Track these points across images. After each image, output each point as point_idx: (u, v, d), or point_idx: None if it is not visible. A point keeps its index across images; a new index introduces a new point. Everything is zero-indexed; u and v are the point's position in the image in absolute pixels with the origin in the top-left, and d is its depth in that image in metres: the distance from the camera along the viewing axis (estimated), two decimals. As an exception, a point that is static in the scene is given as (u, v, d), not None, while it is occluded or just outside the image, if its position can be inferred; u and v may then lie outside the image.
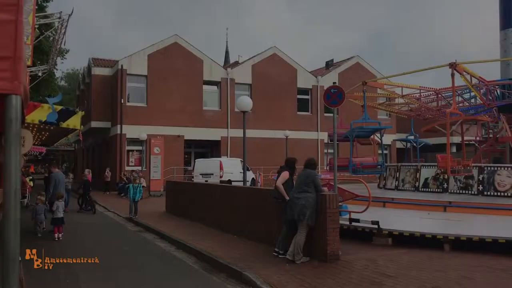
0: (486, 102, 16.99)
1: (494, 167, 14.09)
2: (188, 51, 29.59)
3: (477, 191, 13.90)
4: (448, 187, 14.75)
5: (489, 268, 6.99)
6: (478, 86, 16.52)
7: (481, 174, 13.93)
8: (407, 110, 21.55)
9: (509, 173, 13.45)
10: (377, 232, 9.17)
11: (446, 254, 8.16)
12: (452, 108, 13.83)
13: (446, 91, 18.05)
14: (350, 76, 33.54)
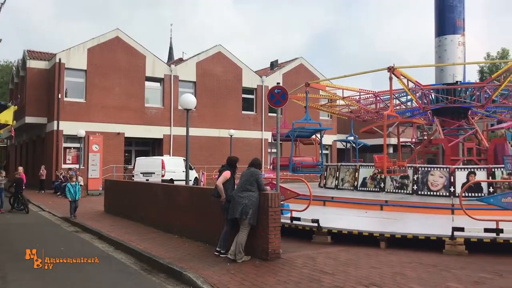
0: (421, 105, 17.77)
1: (428, 168, 14.76)
2: (130, 46, 28.84)
3: (411, 190, 14.50)
4: (385, 186, 15.29)
5: (421, 264, 7.30)
6: (414, 90, 17.25)
7: (415, 174, 14.56)
8: (347, 112, 22.16)
9: (441, 173, 14.14)
10: (317, 230, 9.35)
11: (382, 251, 8.46)
12: (389, 110, 14.33)
13: (384, 94, 18.71)
14: (294, 77, 34.07)
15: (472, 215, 8.59)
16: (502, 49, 41.88)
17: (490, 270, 6.89)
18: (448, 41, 18.10)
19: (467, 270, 6.91)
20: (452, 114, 17.97)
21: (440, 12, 18.58)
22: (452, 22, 18.22)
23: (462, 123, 17.99)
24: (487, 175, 13.74)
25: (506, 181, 12.80)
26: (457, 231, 8.25)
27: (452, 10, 18.24)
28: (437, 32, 18.65)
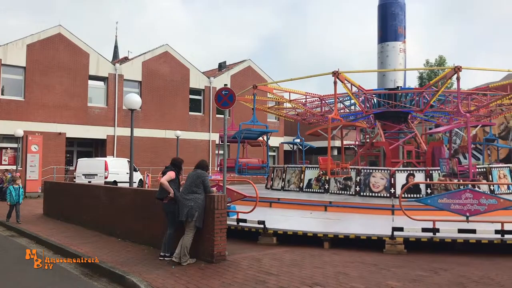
0: (364, 109, 18.35)
1: (370, 170, 15.25)
2: (73, 43, 27.83)
3: (354, 191, 14.92)
4: (329, 187, 15.64)
5: (363, 264, 7.52)
6: (357, 94, 17.77)
7: (358, 176, 14.99)
8: (294, 115, 22.51)
9: (383, 175, 14.65)
10: (263, 232, 9.41)
11: (326, 251, 8.64)
12: (334, 113, 14.68)
13: (329, 97, 19.16)
14: (242, 79, 34.18)
15: (411, 216, 8.95)
16: (440, 57, 43.92)
17: (427, 268, 7.20)
18: (390, 47, 18.81)
19: (405, 268, 7.18)
20: (393, 118, 18.68)
21: (383, 19, 19.28)
22: (394, 30, 18.95)
23: (402, 126, 18.73)
24: (425, 177, 14.38)
25: (442, 183, 13.46)
26: (397, 231, 8.57)
27: (394, 18, 18.98)
28: (380, 38, 19.33)
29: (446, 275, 6.80)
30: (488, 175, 14.93)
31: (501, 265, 7.43)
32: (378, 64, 19.36)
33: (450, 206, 8.64)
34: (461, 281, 6.44)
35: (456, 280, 6.47)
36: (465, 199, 8.55)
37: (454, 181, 12.93)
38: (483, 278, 6.61)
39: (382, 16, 19.34)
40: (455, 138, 25.24)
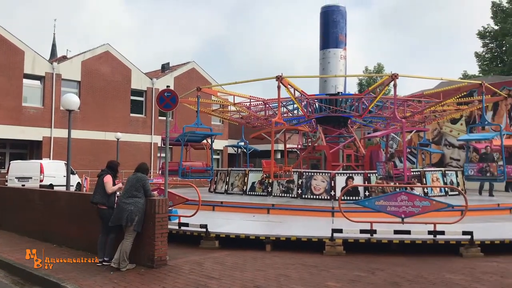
0: (306, 114, 18.72)
1: (311, 173, 15.55)
2: (7, 39, 26.44)
3: (296, 194, 15.15)
4: (272, 190, 15.78)
5: (303, 266, 7.64)
6: (300, 98, 18.10)
7: (300, 179, 15.24)
8: (238, 118, 22.56)
9: (323, 178, 14.97)
10: (205, 236, 9.34)
11: (268, 254, 8.70)
12: (277, 117, 14.87)
13: (272, 101, 19.38)
14: (186, 80, 33.86)
15: (349, 217, 9.20)
16: (378, 64, 45.71)
17: (365, 269, 7.42)
18: (332, 54, 19.31)
19: (344, 269, 7.37)
20: (334, 122, 19.18)
21: (325, 26, 19.77)
22: (335, 37, 19.48)
23: (342, 131, 19.27)
24: (363, 179, 14.84)
25: (379, 186, 13.95)
26: (336, 232, 8.77)
27: (336, 25, 19.51)
28: (322, 45, 19.80)
29: (383, 275, 7.04)
30: (422, 178, 15.64)
31: (434, 265, 7.79)
32: (320, 70, 19.82)
33: (387, 208, 8.96)
34: (396, 280, 6.69)
35: (392, 280, 6.72)
36: (401, 201, 8.89)
37: (391, 184, 13.44)
38: (416, 277, 6.91)
39: (324, 24, 19.83)
40: (392, 143, 26.25)
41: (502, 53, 31.86)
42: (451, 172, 17.47)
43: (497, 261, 8.02)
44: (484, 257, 8.34)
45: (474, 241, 8.51)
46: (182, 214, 9.97)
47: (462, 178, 17.07)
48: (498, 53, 32.50)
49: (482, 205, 13.78)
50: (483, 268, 7.52)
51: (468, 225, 9.09)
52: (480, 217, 11.93)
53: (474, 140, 17.72)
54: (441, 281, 6.65)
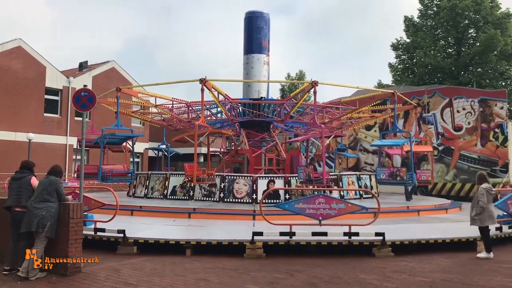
0: (229, 117, 18.80)
1: (234, 176, 15.61)
2: None
3: (218, 198, 15.14)
4: (194, 194, 15.64)
5: (223, 269, 7.63)
6: (224, 102, 18.14)
7: (222, 183, 15.25)
8: (160, 120, 22.13)
9: (246, 181, 15.10)
10: (123, 241, 9.03)
11: (188, 258, 8.58)
12: (200, 120, 14.78)
13: (196, 104, 19.25)
14: (105, 80, 32.64)
15: (270, 220, 9.34)
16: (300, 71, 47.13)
17: (283, 271, 7.56)
18: (255, 59, 19.59)
19: (263, 271, 7.46)
20: (257, 127, 19.45)
21: (249, 32, 20.02)
22: (259, 42, 19.78)
23: (264, 135, 19.59)
24: (284, 183, 15.17)
25: (299, 189, 14.32)
26: (257, 235, 8.87)
27: (259, 31, 19.82)
28: (246, 50, 20.03)
29: (301, 276, 7.21)
30: (339, 182, 16.29)
31: (349, 265, 8.11)
32: (244, 74, 20.01)
33: (305, 210, 9.21)
34: (314, 281, 6.88)
35: (310, 281, 6.90)
36: (319, 204, 9.18)
37: (309, 187, 13.85)
38: (333, 277, 7.15)
39: (248, 29, 20.07)
40: (312, 147, 27.16)
41: (413, 64, 34.04)
42: (365, 176, 18.37)
43: (406, 261, 8.52)
44: (394, 257, 8.83)
45: (386, 242, 8.99)
46: (99, 219, 9.56)
47: (375, 182, 18.01)
48: (409, 64, 34.69)
49: (393, 207, 14.62)
50: (394, 267, 7.96)
51: (380, 227, 9.56)
52: (392, 219, 12.66)
53: (386, 146, 18.76)
54: (355, 281, 6.94)
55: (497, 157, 21.00)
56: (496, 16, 29.89)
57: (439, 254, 9.07)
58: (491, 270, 7.79)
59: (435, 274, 7.42)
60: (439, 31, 33.03)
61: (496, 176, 20.48)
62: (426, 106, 23.77)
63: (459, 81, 30.08)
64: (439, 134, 23.13)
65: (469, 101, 22.12)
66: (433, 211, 15.05)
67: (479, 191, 9.12)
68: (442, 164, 22.73)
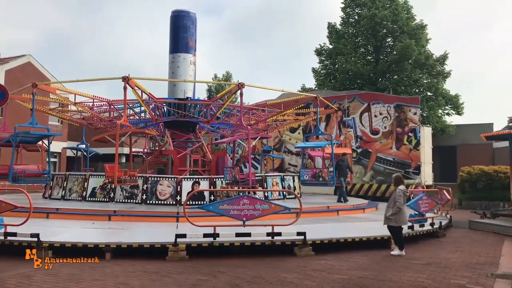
0: (154, 117, 18.38)
1: (157, 177, 15.29)
2: None
3: (141, 200, 14.75)
4: (115, 196, 15.13)
5: (145, 273, 7.44)
6: (148, 101, 17.70)
7: (145, 184, 14.88)
8: (79, 118, 21.16)
9: (169, 183, 14.84)
10: (37, 245, 8.51)
11: (108, 262, 8.28)
12: (123, 120, 14.31)
13: (118, 103, 18.62)
14: (20, 75, 30.62)
15: (194, 222, 9.25)
16: (227, 72, 47.25)
17: (206, 272, 7.52)
18: (181, 59, 19.31)
19: (186, 274, 7.37)
20: (182, 127, 19.19)
21: (175, 31, 19.70)
22: (185, 42, 19.53)
23: (190, 136, 19.38)
24: (209, 184, 15.10)
25: (224, 190, 14.32)
26: (180, 237, 8.75)
27: (186, 30, 19.57)
28: (172, 49, 19.69)
29: (224, 277, 7.21)
30: (263, 183, 16.52)
31: (271, 265, 8.24)
32: (169, 74, 19.66)
33: (230, 211, 9.23)
34: (237, 282, 6.91)
35: (232, 282, 6.92)
36: (243, 204, 9.24)
37: (234, 188, 13.90)
38: (255, 277, 7.23)
39: (174, 28, 19.76)
40: (238, 149, 27.32)
41: (335, 70, 35.30)
42: (289, 177, 18.79)
43: (326, 259, 8.82)
44: (315, 255, 9.11)
45: (307, 241, 9.25)
46: (10, 222, 8.96)
47: (298, 182, 18.47)
48: (331, 70, 35.94)
49: (314, 207, 15.07)
50: (314, 266, 8.21)
51: (302, 226, 9.81)
52: (313, 219, 13.04)
53: (309, 148, 19.29)
54: (277, 280, 7.06)
55: (410, 160, 22.37)
56: (411, 27, 31.80)
57: (356, 252, 9.49)
58: (403, 267, 8.27)
59: (352, 271, 7.74)
60: (359, 39, 34.54)
61: (409, 178, 21.81)
62: (346, 110, 24.79)
63: (377, 87, 31.64)
64: (357, 137, 24.21)
65: (385, 106, 23.37)
66: (351, 211, 15.70)
67: (397, 192, 9.63)
68: (360, 165, 23.81)
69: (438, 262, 8.78)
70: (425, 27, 32.34)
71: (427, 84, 31.98)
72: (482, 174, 21.98)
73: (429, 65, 31.65)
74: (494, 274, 7.75)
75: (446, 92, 32.18)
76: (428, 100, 31.57)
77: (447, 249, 10.35)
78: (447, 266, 8.40)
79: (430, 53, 32.18)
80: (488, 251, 10.18)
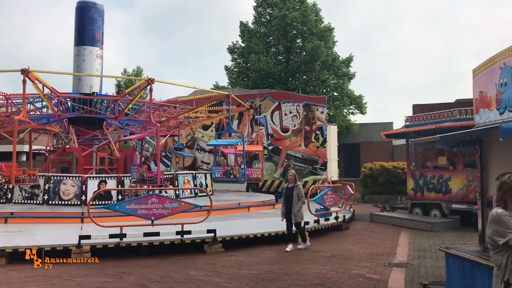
0: (56, 113, 17.35)
1: (60, 177, 14.47)
2: None
3: (42, 200, 13.88)
4: (13, 197, 14.11)
5: (45, 277, 7.03)
6: (50, 96, 16.67)
7: (47, 184, 14.02)
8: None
9: (74, 182, 14.12)
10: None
11: (3, 268, 7.73)
12: (21, 115, 13.35)
13: (17, 97, 17.36)
14: None
15: (99, 223, 8.90)
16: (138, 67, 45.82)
17: (112, 274, 7.27)
18: (87, 52, 18.40)
19: (91, 276, 7.07)
20: (88, 124, 18.30)
21: (80, 22, 18.73)
22: (91, 34, 18.63)
23: (97, 133, 18.55)
24: (117, 183, 14.58)
25: (132, 189, 13.93)
26: (84, 239, 8.37)
27: (92, 22, 18.68)
28: (77, 41, 18.71)
29: (130, 278, 7.02)
30: (175, 181, 16.29)
31: (180, 264, 8.16)
32: (74, 67, 18.65)
33: (137, 211, 8.99)
34: (144, 282, 6.76)
35: (139, 282, 6.76)
36: (151, 204, 9.05)
37: (144, 187, 13.57)
38: (163, 277, 7.12)
39: (80, 19, 18.78)
40: (148, 146, 26.68)
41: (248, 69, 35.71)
42: (201, 174, 18.70)
43: (235, 255, 8.92)
44: (225, 252, 9.17)
45: (217, 238, 9.29)
46: None
47: (211, 180, 18.46)
48: (244, 68, 36.31)
49: (225, 204, 15.15)
50: (224, 262, 8.26)
51: (212, 224, 9.83)
52: (225, 216, 13.10)
53: (221, 146, 19.36)
54: (185, 279, 7.01)
55: (317, 157, 23.29)
56: (320, 29, 33.09)
57: (266, 247, 9.71)
58: (309, 260, 8.61)
59: (261, 266, 7.91)
60: (271, 39, 35.25)
61: (316, 174, 22.73)
62: (258, 108, 25.20)
63: (287, 87, 32.52)
64: (269, 135, 24.72)
65: (295, 105, 24.10)
66: (261, 207, 16.01)
67: (300, 188, 9.94)
68: (271, 162, 24.34)
69: (341, 254, 9.25)
70: (333, 30, 33.81)
71: (334, 84, 33.49)
72: (382, 170, 23.51)
73: (336, 67, 33.18)
74: (391, 263, 8.34)
75: (351, 92, 33.94)
76: (334, 100, 33.07)
77: (350, 241, 10.94)
78: (349, 257, 8.88)
79: (337, 55, 33.73)
80: (387, 242, 10.91)
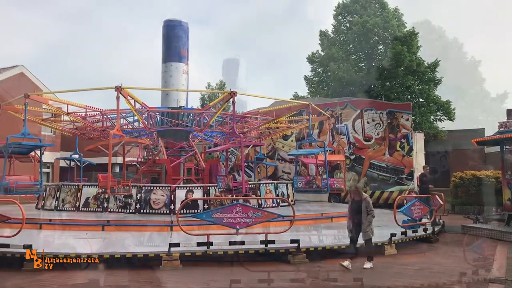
0: (147, 127, 18.39)
1: (151, 187, 15.27)
2: None
3: (134, 209, 14.71)
4: (108, 206, 15.09)
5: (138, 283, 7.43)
6: (141, 111, 17.72)
7: (139, 193, 14.85)
8: (72, 128, 21.11)
9: (163, 192, 14.83)
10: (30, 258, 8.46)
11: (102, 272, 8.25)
12: (115, 129, 14.31)
13: (111, 112, 18.62)
14: (12, 86, 30.52)
15: (187, 231, 9.27)
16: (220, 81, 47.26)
17: (200, 281, 7.52)
18: (174, 68, 19.39)
19: (180, 283, 7.37)
20: (175, 136, 19.19)
21: (167, 40, 19.80)
22: (177, 51, 19.61)
23: (183, 145, 19.38)
24: (203, 193, 15.10)
25: (217, 198, 14.32)
26: (173, 247, 8.74)
27: (178, 40, 19.67)
28: (164, 58, 19.76)
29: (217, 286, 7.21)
30: (257, 191, 16.53)
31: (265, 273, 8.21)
32: (162, 83, 19.71)
33: (223, 220, 9.24)
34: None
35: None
36: (236, 213, 9.26)
37: (228, 197, 13.90)
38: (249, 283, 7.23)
39: (167, 37, 19.85)
40: (231, 157, 27.32)
41: (327, 77, 35.46)
42: (282, 184, 18.80)
43: (319, 266, 8.83)
44: (309, 262, 9.11)
45: (300, 248, 9.26)
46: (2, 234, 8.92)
47: (292, 190, 18.48)
48: (323, 77, 36.09)
49: (308, 214, 15.08)
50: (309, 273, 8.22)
51: (295, 234, 9.84)
52: (307, 226, 13.05)
53: (302, 155, 19.35)
54: None
55: (403, 166, 22.45)
56: (403, 33, 32.07)
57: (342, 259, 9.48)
58: (397, 273, 8.32)
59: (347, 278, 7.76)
60: (351, 46, 34.77)
61: (402, 184, 21.90)
62: (339, 117, 24.88)
63: (369, 94, 31.79)
64: (350, 144, 24.28)
65: (378, 113, 23.49)
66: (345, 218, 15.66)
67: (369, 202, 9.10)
68: (353, 172, 23.87)
69: (431, 267, 8.83)
70: (417, 35, 32.59)
71: (419, 90, 32.16)
72: (474, 179, 22.11)
73: (421, 72, 31.85)
74: (487, 279, 7.82)
75: (438, 98, 32.39)
76: (420, 106, 31.73)
77: (440, 254, 10.40)
78: (440, 271, 8.45)
79: (421, 60, 32.44)
80: (481, 256, 10.25)
